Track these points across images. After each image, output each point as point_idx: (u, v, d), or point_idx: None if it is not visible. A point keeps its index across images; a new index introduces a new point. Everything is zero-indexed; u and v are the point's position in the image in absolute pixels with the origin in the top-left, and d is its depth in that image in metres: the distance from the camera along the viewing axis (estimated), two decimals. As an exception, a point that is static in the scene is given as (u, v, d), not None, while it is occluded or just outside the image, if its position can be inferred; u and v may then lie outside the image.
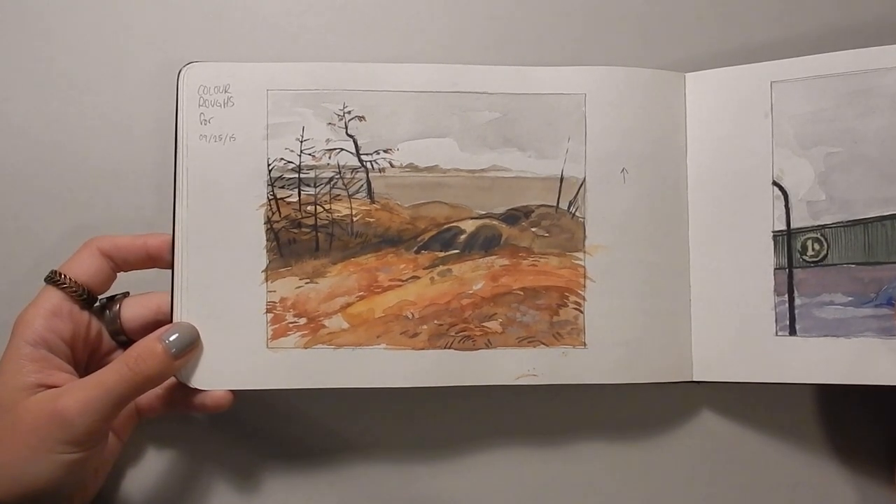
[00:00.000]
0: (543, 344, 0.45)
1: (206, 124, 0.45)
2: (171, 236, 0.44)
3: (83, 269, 0.43)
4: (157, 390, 0.44)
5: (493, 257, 0.46)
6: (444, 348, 0.45)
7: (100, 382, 0.40)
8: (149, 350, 0.41)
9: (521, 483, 0.48)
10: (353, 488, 0.48)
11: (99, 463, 0.43)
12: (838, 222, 0.44)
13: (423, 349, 0.45)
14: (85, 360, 0.44)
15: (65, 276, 0.42)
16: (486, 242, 0.46)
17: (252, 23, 0.49)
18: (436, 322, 0.45)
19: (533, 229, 0.46)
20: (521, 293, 0.46)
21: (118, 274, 0.45)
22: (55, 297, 0.42)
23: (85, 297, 0.43)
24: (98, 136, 0.48)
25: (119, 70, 0.48)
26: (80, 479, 0.41)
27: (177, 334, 0.42)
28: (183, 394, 0.44)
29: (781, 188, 0.45)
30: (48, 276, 0.43)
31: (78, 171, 0.48)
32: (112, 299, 0.45)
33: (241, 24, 0.49)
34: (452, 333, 0.45)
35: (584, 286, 0.46)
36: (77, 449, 0.39)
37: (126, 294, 0.45)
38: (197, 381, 0.44)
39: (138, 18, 0.48)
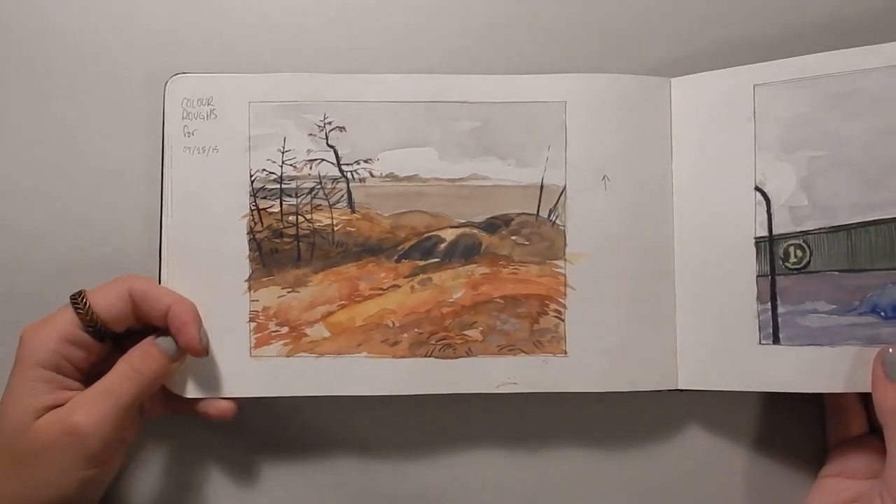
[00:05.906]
0: (524, 352, 0.45)
1: (189, 136, 0.45)
2: (192, 305, 0.43)
3: (106, 304, 0.42)
4: (158, 392, 0.44)
5: (473, 266, 0.46)
6: (425, 356, 0.45)
7: (108, 390, 0.41)
8: (149, 351, 0.42)
9: (500, 495, 0.48)
10: (343, 487, 0.48)
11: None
12: (821, 228, 0.43)
13: (403, 357, 0.45)
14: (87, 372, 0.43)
15: (88, 304, 0.41)
16: (465, 251, 0.46)
17: (246, 32, 0.49)
18: (416, 330, 0.45)
19: (513, 237, 0.46)
20: (502, 301, 0.46)
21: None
22: (72, 323, 0.41)
23: (99, 332, 0.42)
24: (93, 145, 0.48)
25: (114, 80, 0.49)
26: (97, 490, 0.43)
27: (170, 337, 0.43)
28: (185, 399, 0.45)
29: (763, 193, 0.44)
30: (74, 298, 0.42)
31: (73, 178, 0.48)
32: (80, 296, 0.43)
33: (233, 34, 0.49)
34: (433, 342, 0.45)
35: (565, 294, 0.45)
36: (94, 464, 0.40)
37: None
38: (181, 389, 0.45)
39: (133, 30, 0.49)
